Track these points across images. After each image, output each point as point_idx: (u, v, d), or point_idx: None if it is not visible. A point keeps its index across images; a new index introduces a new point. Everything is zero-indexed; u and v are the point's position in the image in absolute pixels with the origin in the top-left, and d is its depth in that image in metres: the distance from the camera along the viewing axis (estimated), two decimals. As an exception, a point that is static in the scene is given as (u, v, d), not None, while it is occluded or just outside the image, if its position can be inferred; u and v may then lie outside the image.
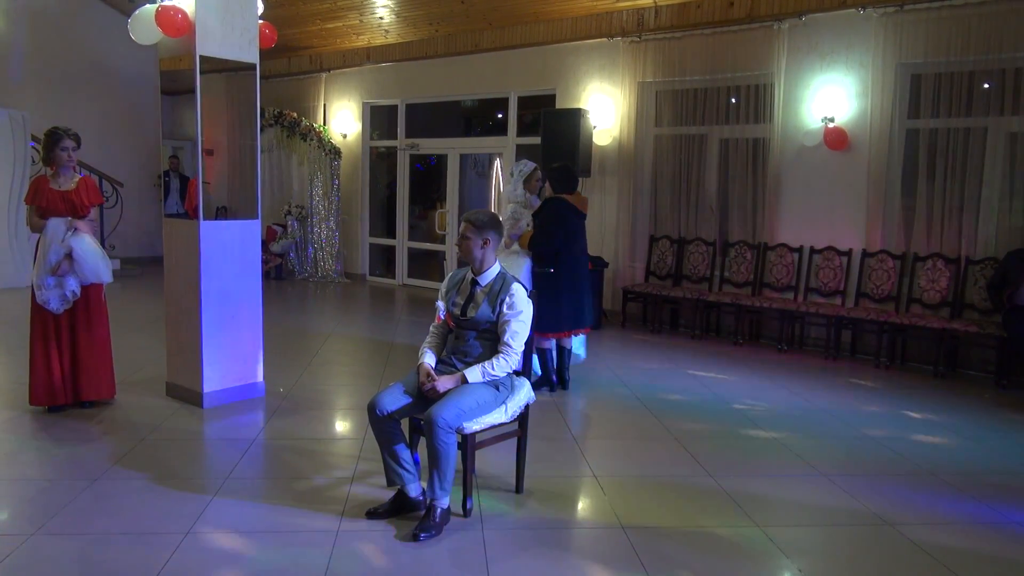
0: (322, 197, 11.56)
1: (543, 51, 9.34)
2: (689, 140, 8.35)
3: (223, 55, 4.99)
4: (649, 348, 7.44)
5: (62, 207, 4.78)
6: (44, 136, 4.80)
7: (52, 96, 11.85)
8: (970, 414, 5.48)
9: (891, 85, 6.97)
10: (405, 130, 11.31)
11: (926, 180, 6.91)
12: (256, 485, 3.94)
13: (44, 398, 4.87)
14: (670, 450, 4.57)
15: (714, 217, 8.24)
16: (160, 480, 3.90)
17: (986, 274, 6.49)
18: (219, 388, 5.16)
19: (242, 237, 5.24)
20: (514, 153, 9.92)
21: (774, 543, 3.38)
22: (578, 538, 3.49)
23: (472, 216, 3.63)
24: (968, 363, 6.71)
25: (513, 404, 3.64)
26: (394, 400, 3.48)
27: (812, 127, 7.37)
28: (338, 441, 4.76)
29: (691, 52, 8.05)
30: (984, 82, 6.62)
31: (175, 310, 5.26)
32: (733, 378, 6.33)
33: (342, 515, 3.53)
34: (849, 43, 7.21)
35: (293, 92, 12.30)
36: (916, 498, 3.94)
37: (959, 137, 6.71)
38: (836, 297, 7.34)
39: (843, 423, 5.18)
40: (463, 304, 3.64)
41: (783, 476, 4.22)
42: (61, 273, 4.74)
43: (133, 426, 4.73)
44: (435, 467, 3.34)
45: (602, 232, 8.91)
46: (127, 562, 3.07)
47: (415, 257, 11.69)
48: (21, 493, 3.76)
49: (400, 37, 10.58)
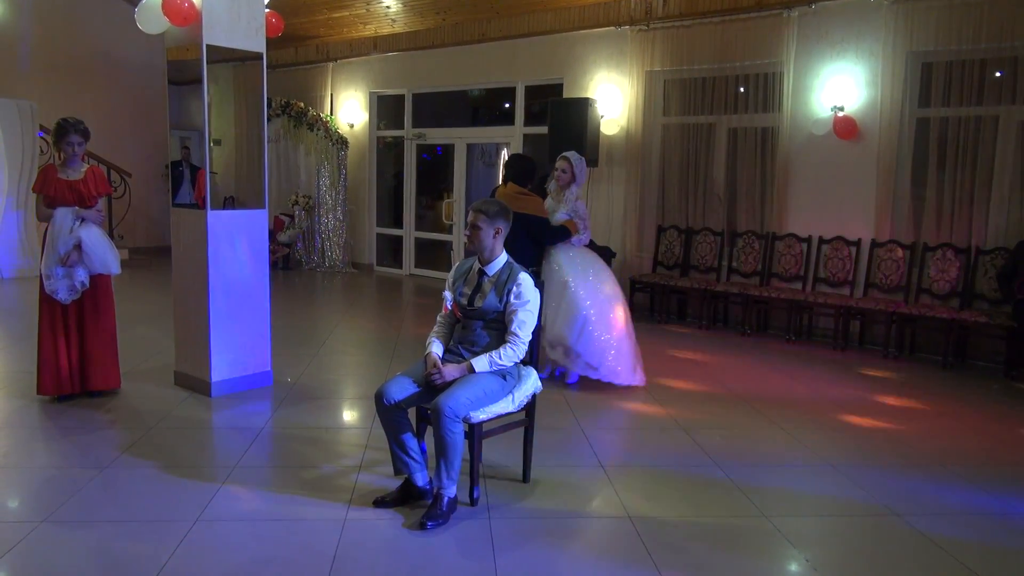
0: (329, 187, 11.56)
1: (550, 40, 9.29)
2: (697, 129, 8.30)
3: (230, 44, 4.98)
4: (656, 338, 7.42)
5: (70, 197, 4.78)
6: (54, 127, 4.80)
7: (59, 86, 11.86)
8: (979, 405, 5.46)
9: (901, 74, 6.91)
10: (412, 120, 11.29)
11: (936, 169, 6.85)
12: (264, 474, 3.96)
13: (52, 387, 4.89)
14: (677, 440, 4.57)
15: (722, 207, 8.20)
16: (168, 468, 3.92)
17: (996, 264, 6.45)
18: (227, 377, 5.17)
19: (249, 227, 5.24)
20: (521, 143, 9.90)
21: (781, 533, 3.38)
22: (585, 528, 3.50)
23: (483, 206, 3.61)
24: (977, 354, 6.68)
25: (520, 393, 3.64)
26: (401, 389, 3.48)
27: (821, 116, 7.32)
28: (345, 430, 4.77)
29: (700, 41, 7.99)
30: (995, 70, 6.55)
31: (183, 299, 5.28)
32: (741, 368, 6.31)
33: (349, 503, 3.54)
34: (859, 31, 7.15)
35: (300, 82, 12.28)
36: (924, 489, 3.93)
37: (970, 126, 6.65)
38: (845, 287, 7.31)
39: (851, 414, 5.16)
40: (470, 294, 3.64)
41: (790, 467, 4.21)
42: (70, 264, 4.75)
43: (141, 415, 4.75)
44: (442, 456, 3.34)
45: (609, 222, 8.89)
46: (136, 550, 3.09)
47: (422, 247, 11.68)
48: (30, 482, 3.79)
49: (407, 26, 10.54)
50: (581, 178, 5.69)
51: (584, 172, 5.74)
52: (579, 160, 5.67)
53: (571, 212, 5.58)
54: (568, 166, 5.61)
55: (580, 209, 5.63)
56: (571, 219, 5.57)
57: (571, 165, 5.60)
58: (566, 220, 5.56)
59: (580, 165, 5.66)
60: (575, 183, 5.63)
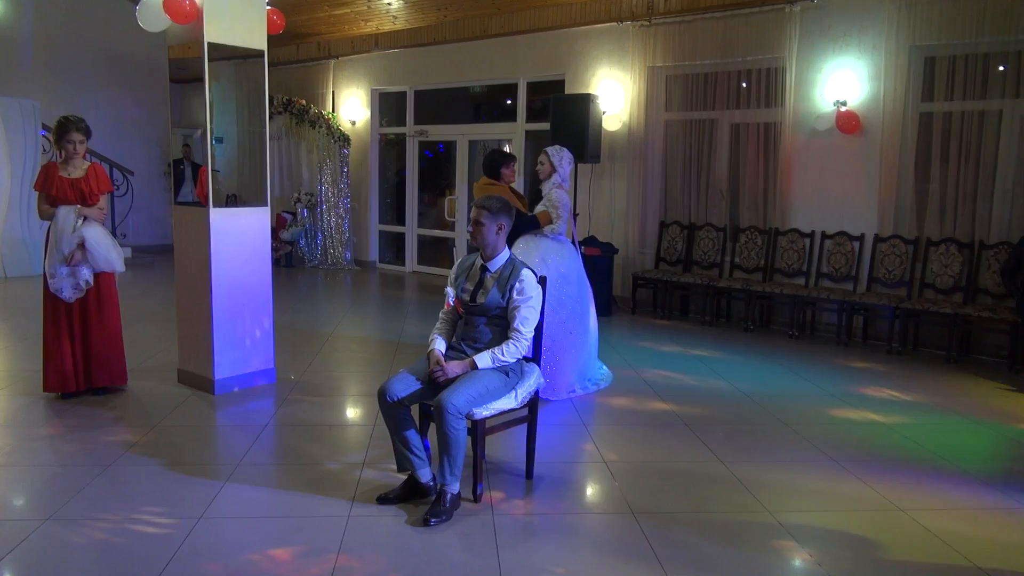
0: (331, 184, 11.56)
1: (552, 36, 9.28)
2: (699, 125, 8.29)
3: (231, 42, 4.99)
4: (659, 334, 7.42)
5: (71, 195, 4.79)
6: (55, 125, 4.81)
7: (61, 85, 11.88)
8: (982, 400, 5.45)
9: (904, 68, 6.89)
10: (414, 117, 11.29)
11: (939, 164, 6.84)
12: (268, 471, 3.97)
13: (57, 385, 4.90)
14: (681, 436, 4.57)
15: (724, 202, 8.19)
16: (173, 466, 3.93)
17: (1000, 259, 6.43)
18: (230, 375, 5.18)
19: (252, 225, 5.25)
20: (523, 139, 9.89)
21: (785, 529, 3.38)
22: (588, 524, 3.50)
23: (485, 202, 3.61)
24: (981, 348, 6.67)
25: (523, 390, 3.64)
26: (404, 386, 3.49)
27: (824, 111, 7.30)
28: (349, 427, 4.78)
29: (701, 36, 7.98)
30: (999, 64, 6.53)
31: (186, 297, 5.29)
32: (744, 364, 6.31)
33: (353, 500, 3.55)
34: (862, 25, 7.12)
35: (301, 79, 12.28)
36: (928, 484, 3.92)
37: (973, 120, 6.63)
38: (848, 282, 7.30)
39: (854, 409, 5.16)
40: (473, 290, 3.64)
41: (794, 462, 4.21)
42: (75, 263, 4.76)
43: (146, 413, 4.77)
44: (445, 453, 3.35)
45: (612, 218, 8.89)
46: (140, 547, 3.10)
47: (425, 244, 11.69)
48: (35, 479, 3.80)
49: (408, 23, 10.53)
50: (562, 170, 5.59)
51: (565, 163, 5.61)
52: (556, 153, 5.62)
53: (546, 203, 5.59)
54: (545, 159, 5.64)
55: (558, 200, 5.52)
56: (544, 210, 5.58)
57: (548, 158, 5.63)
58: (540, 211, 5.58)
59: (558, 157, 5.60)
60: (556, 175, 5.59)
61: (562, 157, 5.60)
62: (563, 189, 5.56)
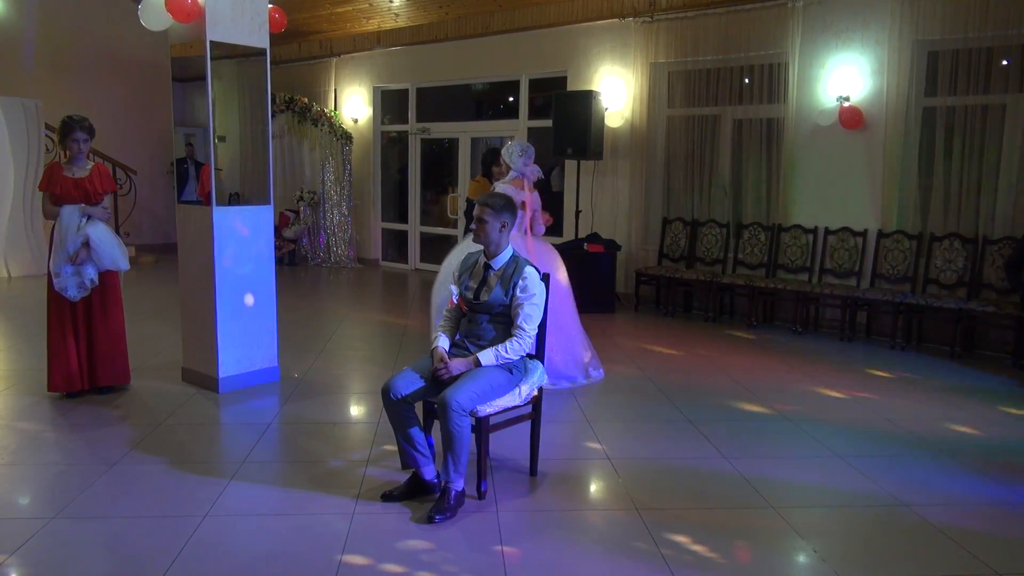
0: (334, 183, 11.57)
1: (554, 33, 9.27)
2: (702, 121, 8.28)
3: (233, 40, 4.99)
4: (662, 331, 7.42)
5: (75, 194, 4.80)
6: (59, 125, 4.82)
7: (64, 84, 11.88)
8: (987, 395, 5.44)
9: (907, 62, 6.88)
10: (416, 114, 11.28)
11: (943, 159, 6.82)
12: (272, 469, 3.98)
13: (62, 384, 4.91)
14: (684, 433, 4.57)
15: (727, 198, 8.18)
16: (177, 464, 3.94)
17: (1004, 253, 6.42)
18: (234, 373, 5.19)
19: (255, 223, 5.25)
20: (526, 136, 9.88)
21: (789, 524, 3.38)
22: (592, 520, 3.50)
23: (489, 199, 3.62)
24: (985, 343, 6.66)
25: (527, 387, 3.64)
26: (408, 384, 3.49)
27: (827, 106, 7.29)
28: (353, 425, 4.78)
29: (704, 32, 7.96)
30: (1002, 59, 6.52)
31: (190, 296, 5.29)
32: (747, 360, 6.30)
33: (357, 498, 3.55)
34: (865, 20, 7.10)
35: (304, 77, 12.28)
36: (933, 479, 3.92)
37: (977, 115, 6.62)
38: (851, 278, 7.29)
39: (858, 405, 5.15)
40: (476, 288, 3.64)
41: (798, 458, 4.20)
42: (79, 262, 4.77)
43: (150, 411, 4.78)
44: (449, 450, 3.35)
45: (614, 215, 8.88)
46: (145, 545, 3.10)
47: (427, 241, 11.69)
48: (40, 478, 3.81)
49: (410, 20, 10.53)
50: (517, 163, 5.44)
51: (517, 156, 5.44)
52: (506, 150, 5.50)
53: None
54: (501, 160, 5.61)
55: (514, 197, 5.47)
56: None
57: (501, 158, 5.60)
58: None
59: (508, 153, 5.48)
60: (512, 171, 5.47)
61: (512, 152, 5.48)
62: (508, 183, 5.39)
